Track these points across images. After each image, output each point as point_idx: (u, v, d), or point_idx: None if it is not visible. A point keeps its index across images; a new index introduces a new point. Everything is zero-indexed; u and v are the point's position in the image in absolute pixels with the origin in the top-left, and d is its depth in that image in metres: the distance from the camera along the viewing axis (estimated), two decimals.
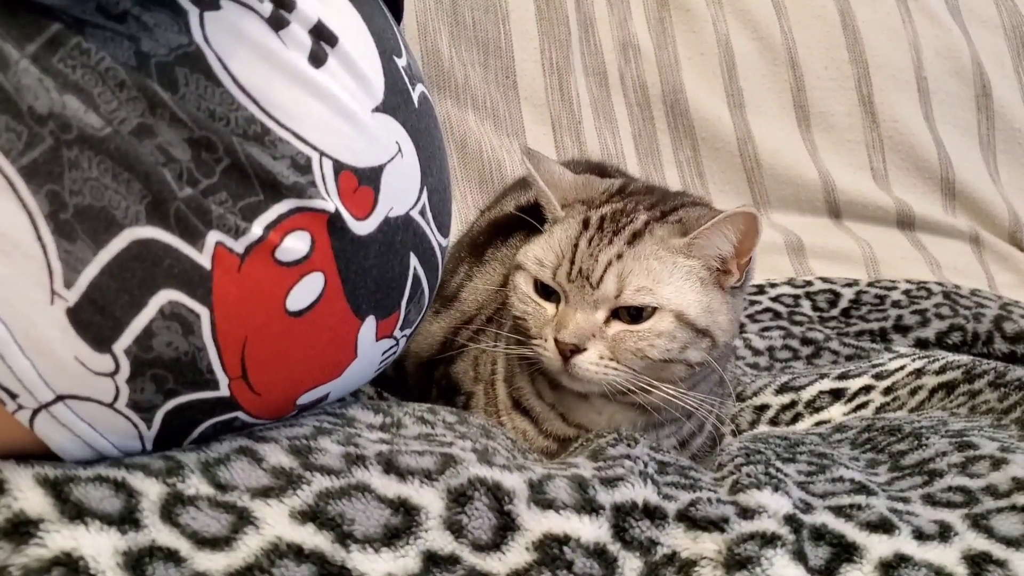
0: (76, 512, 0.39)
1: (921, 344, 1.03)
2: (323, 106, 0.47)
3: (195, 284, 0.43)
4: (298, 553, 0.40)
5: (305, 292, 0.47)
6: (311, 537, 0.41)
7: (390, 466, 0.45)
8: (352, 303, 0.50)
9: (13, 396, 0.41)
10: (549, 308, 0.61)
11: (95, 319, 0.41)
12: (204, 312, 0.43)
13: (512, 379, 0.67)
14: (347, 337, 0.51)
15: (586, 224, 0.61)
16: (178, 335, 0.43)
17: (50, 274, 0.40)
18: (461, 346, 0.73)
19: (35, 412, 0.42)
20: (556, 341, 0.59)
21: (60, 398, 0.42)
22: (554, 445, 0.66)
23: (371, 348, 0.53)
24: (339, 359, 0.52)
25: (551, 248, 0.61)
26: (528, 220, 0.76)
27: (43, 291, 0.40)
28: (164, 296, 0.42)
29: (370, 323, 0.52)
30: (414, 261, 0.54)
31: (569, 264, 0.60)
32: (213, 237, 0.43)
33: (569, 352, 0.58)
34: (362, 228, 0.49)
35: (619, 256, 0.59)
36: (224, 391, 0.46)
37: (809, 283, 1.20)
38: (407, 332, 0.58)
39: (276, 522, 0.41)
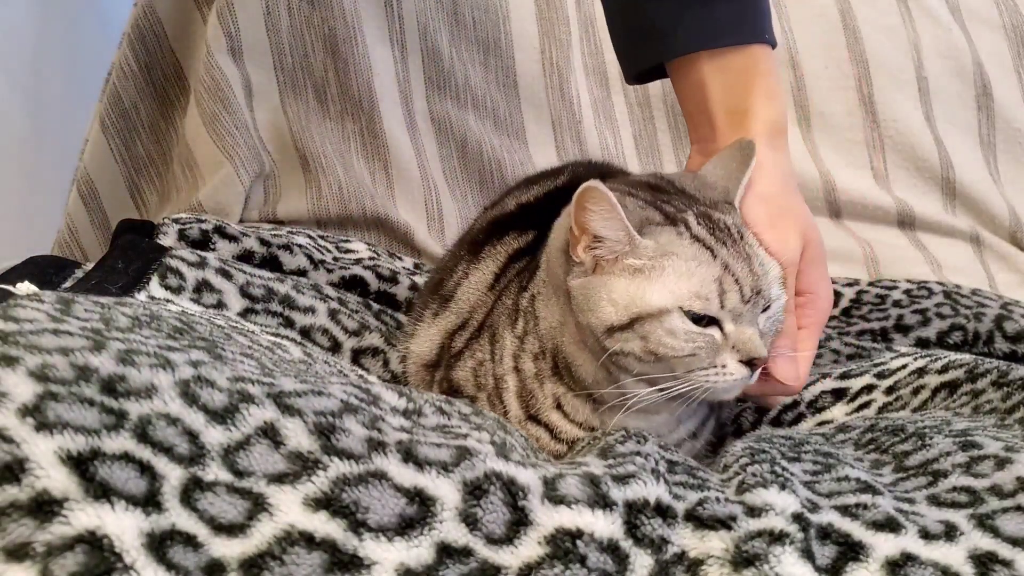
0: (102, 491, 0.39)
1: (922, 343, 1.03)
2: None
3: None
4: (309, 540, 0.40)
5: None
6: (323, 525, 0.41)
7: (409, 455, 0.45)
8: None
9: None
10: (715, 333, 0.60)
11: None
12: None
13: (528, 398, 0.67)
14: None
15: (700, 239, 0.61)
16: None
17: None
18: (458, 352, 0.73)
19: None
20: (751, 361, 0.60)
21: None
22: (565, 448, 0.66)
23: None
24: None
25: (692, 277, 0.59)
26: (529, 218, 0.77)
27: None
28: None
29: None
30: None
31: (737, 285, 0.60)
32: None
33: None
34: None
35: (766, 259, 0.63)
36: None
37: None
38: None
39: (289, 509, 0.41)
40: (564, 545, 0.43)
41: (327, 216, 1.24)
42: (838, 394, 0.80)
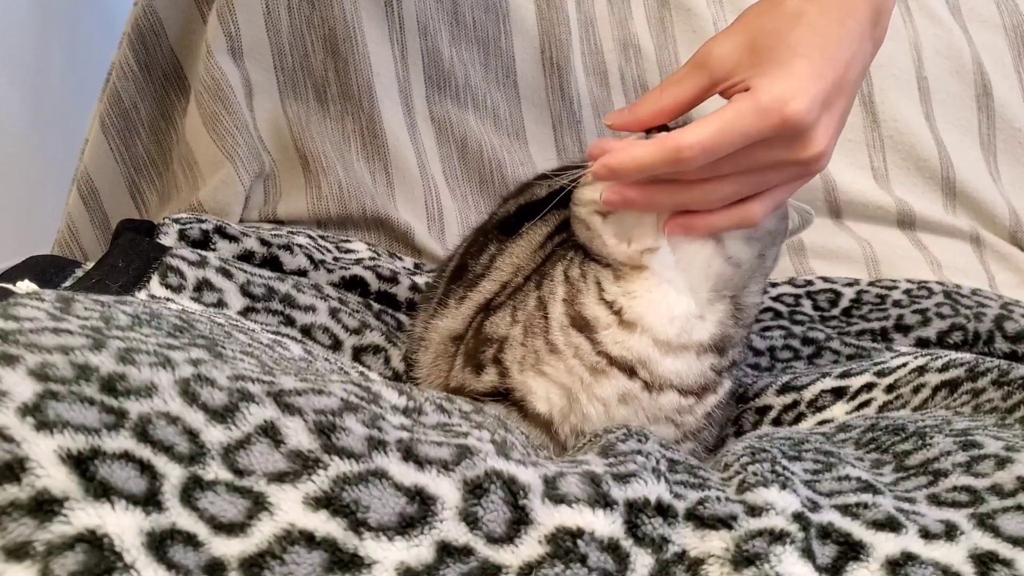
0: (102, 491, 0.39)
1: (922, 343, 1.03)
2: None
3: None
4: (309, 540, 0.40)
5: None
6: (323, 524, 0.41)
7: (409, 453, 0.45)
8: None
9: None
10: None
11: None
12: None
13: (575, 298, 0.69)
14: None
15: None
16: None
17: None
18: (498, 305, 0.74)
19: None
20: None
21: None
22: (603, 362, 0.67)
23: None
24: None
25: None
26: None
27: None
28: None
29: None
30: None
31: None
32: None
33: None
34: None
35: None
36: None
37: (810, 283, 1.20)
38: None
39: (290, 508, 0.41)
40: (565, 544, 0.43)
41: (327, 216, 1.24)
42: (838, 393, 0.80)
